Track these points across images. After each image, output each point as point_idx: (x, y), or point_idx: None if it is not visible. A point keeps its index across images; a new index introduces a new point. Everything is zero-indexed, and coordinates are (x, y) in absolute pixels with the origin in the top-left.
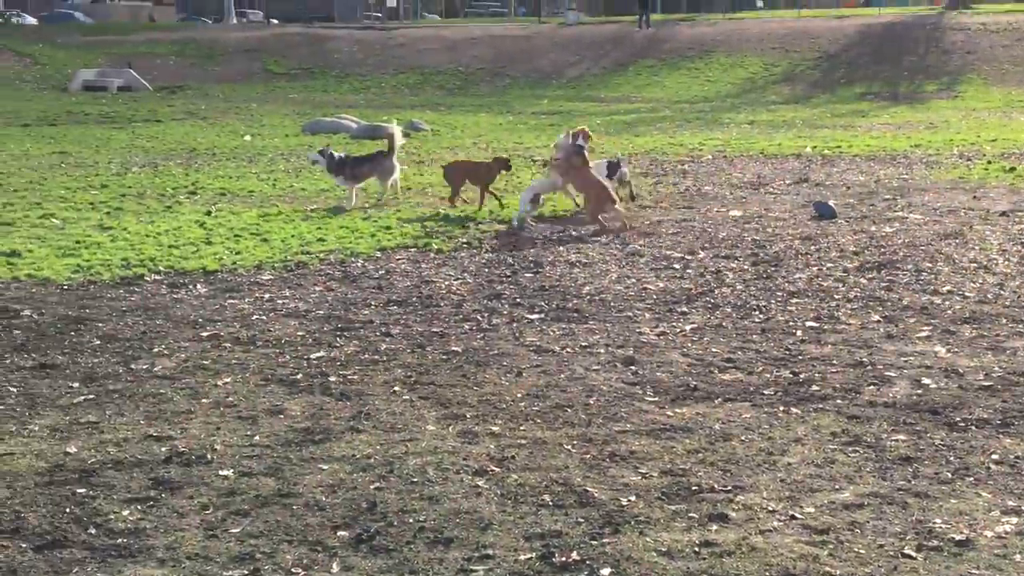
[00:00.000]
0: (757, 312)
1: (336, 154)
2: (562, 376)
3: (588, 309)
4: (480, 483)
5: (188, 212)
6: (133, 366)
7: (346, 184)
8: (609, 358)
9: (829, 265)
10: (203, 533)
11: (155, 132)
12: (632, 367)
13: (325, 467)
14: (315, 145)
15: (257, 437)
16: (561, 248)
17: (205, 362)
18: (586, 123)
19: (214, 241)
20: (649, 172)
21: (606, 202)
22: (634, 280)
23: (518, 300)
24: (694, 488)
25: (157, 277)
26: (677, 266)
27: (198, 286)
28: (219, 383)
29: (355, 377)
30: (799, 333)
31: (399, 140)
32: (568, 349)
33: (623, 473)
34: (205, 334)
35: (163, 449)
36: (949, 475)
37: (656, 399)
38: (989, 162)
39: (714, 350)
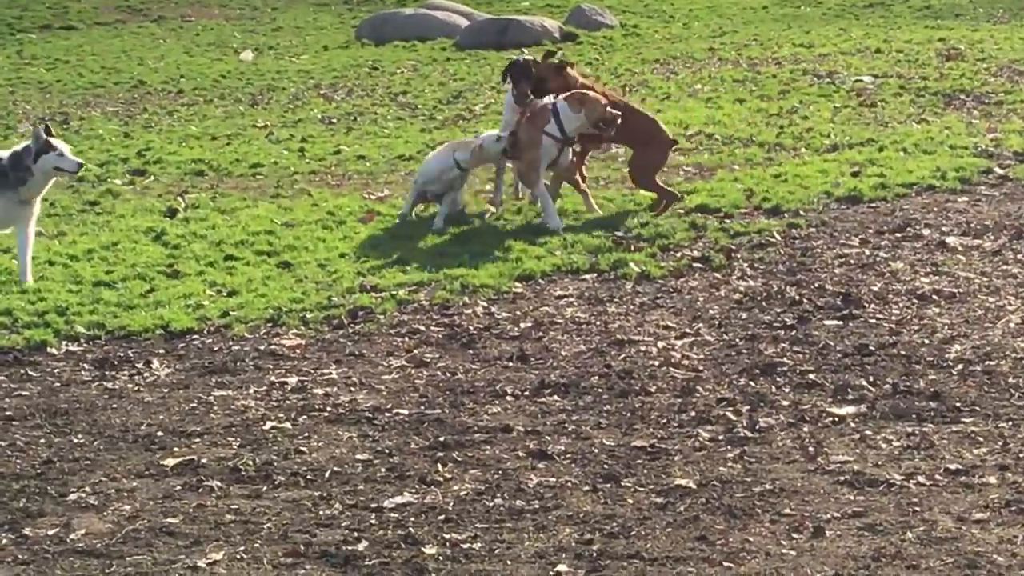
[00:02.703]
0: None
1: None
2: (909, 535)
3: (960, 392)
4: None
5: (132, 212)
6: (29, 531)
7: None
8: (1011, 495)
9: None
10: None
11: (63, 50)
12: None
13: None
14: (383, 64)
15: None
16: (897, 262)
17: (171, 520)
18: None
19: (185, 270)
20: None
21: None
22: None
23: (812, 377)
24: None
25: (73, 348)
26: None
27: (154, 364)
28: (201, 563)
29: (476, 546)
30: None
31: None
32: (921, 478)
33: None
34: (171, 463)
35: None
36: None
37: None
38: None
39: None
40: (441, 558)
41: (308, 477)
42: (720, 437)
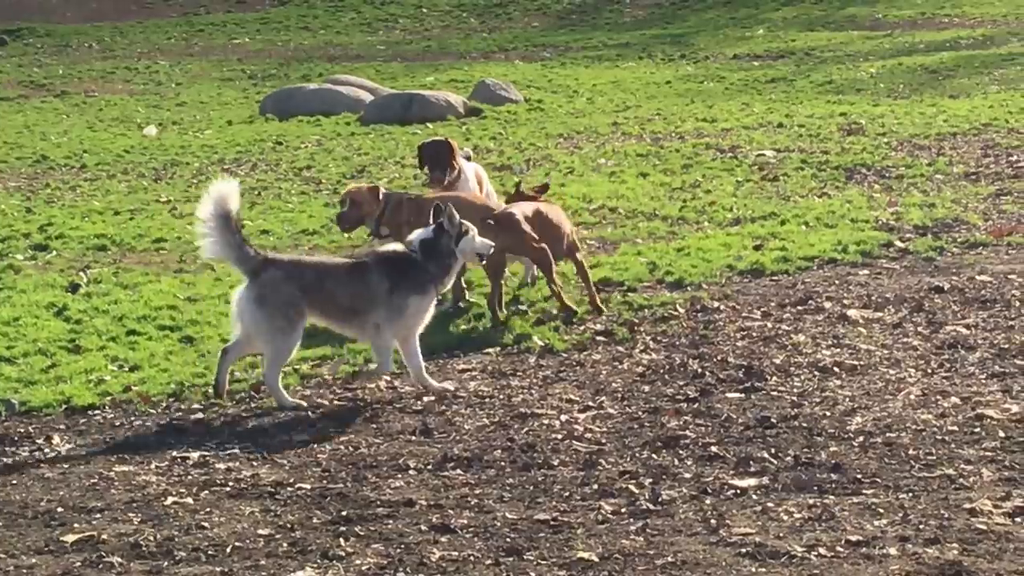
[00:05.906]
0: None
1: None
2: None
3: (861, 464)
4: None
5: (33, 287)
6: None
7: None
8: (912, 566)
9: None
10: None
11: None
12: None
13: None
14: (287, 139)
15: None
16: (799, 335)
17: None
18: (844, 73)
19: (87, 345)
20: (981, 171)
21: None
22: (956, 400)
23: (714, 449)
24: None
25: None
26: None
27: (55, 440)
28: None
29: None
30: None
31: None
32: (822, 549)
33: None
34: (71, 539)
35: None
36: None
37: None
38: None
39: None
40: None
41: (210, 553)
42: (623, 510)
